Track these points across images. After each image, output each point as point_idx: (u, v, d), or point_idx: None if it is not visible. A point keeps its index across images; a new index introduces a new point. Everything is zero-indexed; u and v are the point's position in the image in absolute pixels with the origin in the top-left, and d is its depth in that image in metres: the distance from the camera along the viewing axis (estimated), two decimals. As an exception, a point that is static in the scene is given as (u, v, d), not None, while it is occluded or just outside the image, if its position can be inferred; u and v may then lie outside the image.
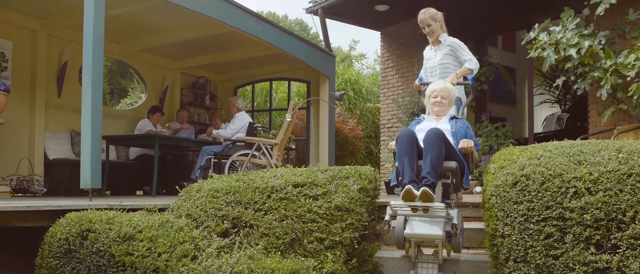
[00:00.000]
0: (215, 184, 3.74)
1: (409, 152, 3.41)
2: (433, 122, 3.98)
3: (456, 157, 3.62)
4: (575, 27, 5.42)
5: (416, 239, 3.47)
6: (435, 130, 3.50)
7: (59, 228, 3.40)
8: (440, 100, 4.04)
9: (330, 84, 8.01)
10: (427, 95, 4.21)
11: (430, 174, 3.31)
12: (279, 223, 3.37)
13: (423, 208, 3.25)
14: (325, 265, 3.21)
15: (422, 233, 3.36)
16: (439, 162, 3.38)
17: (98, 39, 4.47)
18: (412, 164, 3.38)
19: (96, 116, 4.40)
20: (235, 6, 6.06)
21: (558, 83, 5.74)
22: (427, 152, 3.39)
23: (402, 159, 3.40)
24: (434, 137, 3.43)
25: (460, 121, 4.07)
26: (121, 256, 3.12)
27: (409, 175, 3.33)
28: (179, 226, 3.39)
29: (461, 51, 4.80)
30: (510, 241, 3.11)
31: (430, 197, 3.21)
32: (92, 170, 4.35)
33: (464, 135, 3.87)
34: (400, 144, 3.47)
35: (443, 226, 3.38)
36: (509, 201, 3.17)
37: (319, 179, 3.70)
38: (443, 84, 4.15)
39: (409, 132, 3.55)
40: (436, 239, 3.41)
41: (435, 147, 3.39)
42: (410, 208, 3.25)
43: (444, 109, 4.06)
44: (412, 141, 3.49)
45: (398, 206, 3.28)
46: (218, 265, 3.03)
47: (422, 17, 4.83)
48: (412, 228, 3.37)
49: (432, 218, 3.37)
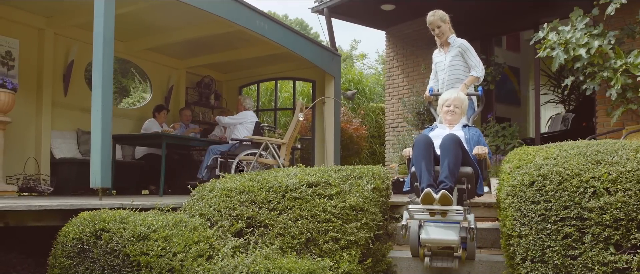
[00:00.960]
0: (228, 184, 3.72)
1: (426, 157, 3.43)
2: (446, 130, 4.01)
3: (471, 164, 3.64)
4: (585, 27, 5.41)
5: (432, 245, 3.48)
6: (452, 135, 3.54)
7: (72, 228, 3.38)
8: (453, 109, 4.09)
9: (336, 84, 7.99)
10: (439, 104, 4.25)
11: (447, 178, 3.33)
12: (294, 222, 3.36)
13: (441, 212, 3.25)
14: (341, 265, 3.20)
15: (438, 238, 3.38)
16: (456, 167, 3.40)
17: (108, 38, 4.45)
18: (430, 168, 3.40)
19: (106, 116, 4.38)
20: (243, 5, 6.04)
21: (567, 83, 5.73)
22: (444, 157, 3.42)
23: (420, 163, 3.41)
24: (451, 142, 3.46)
25: (472, 128, 4.11)
26: (136, 256, 3.10)
27: (426, 179, 3.34)
28: (193, 225, 3.37)
29: (469, 54, 4.83)
30: (528, 241, 3.10)
31: (449, 200, 3.21)
32: (102, 169, 4.33)
33: (477, 142, 3.92)
34: (417, 149, 3.49)
35: (458, 231, 3.41)
36: (526, 200, 3.16)
37: (333, 178, 3.68)
38: (456, 93, 4.20)
39: (425, 137, 3.58)
40: (452, 245, 3.43)
41: (452, 153, 3.42)
42: (428, 211, 3.25)
43: (457, 118, 4.12)
44: (429, 146, 3.52)
45: (416, 209, 3.29)
46: (234, 265, 3.01)
47: (431, 18, 4.84)
48: (428, 233, 3.38)
49: (448, 224, 3.40)
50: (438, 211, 3.27)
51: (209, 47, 7.70)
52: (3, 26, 5.96)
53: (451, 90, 4.36)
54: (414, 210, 3.30)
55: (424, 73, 8.13)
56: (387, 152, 8.85)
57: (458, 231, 3.39)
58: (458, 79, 4.85)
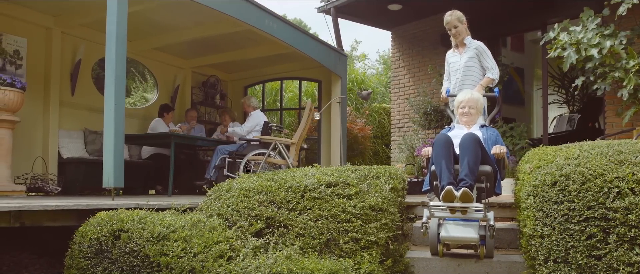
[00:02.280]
0: (246, 184, 3.70)
1: (446, 156, 3.47)
2: (464, 130, 4.03)
3: (490, 163, 3.67)
4: (596, 27, 5.41)
5: (452, 243, 3.52)
6: (472, 135, 3.58)
7: (89, 228, 3.35)
8: (468, 110, 4.12)
9: (343, 84, 7.97)
10: (455, 106, 4.28)
11: (468, 176, 3.36)
12: (314, 222, 3.33)
13: (461, 209, 3.27)
14: (363, 266, 3.18)
15: (457, 236, 3.39)
16: (476, 165, 3.44)
17: (121, 37, 4.42)
18: (450, 167, 3.43)
19: (119, 115, 4.35)
20: (253, 4, 6.02)
21: (577, 83, 5.72)
22: (464, 156, 3.46)
23: (440, 161, 3.45)
24: (471, 141, 3.50)
25: (490, 129, 4.14)
26: (156, 257, 3.08)
27: (447, 177, 3.38)
28: (211, 225, 3.35)
29: (485, 57, 4.87)
30: (550, 242, 3.08)
31: (470, 197, 3.24)
32: (114, 170, 4.30)
33: (495, 142, 3.95)
34: (437, 148, 3.53)
35: (478, 229, 3.43)
36: (548, 201, 3.14)
37: (351, 178, 3.67)
38: (470, 94, 4.22)
39: (445, 137, 3.62)
40: (471, 242, 3.45)
41: (472, 151, 3.46)
42: (449, 208, 3.27)
43: (473, 118, 4.14)
44: (449, 145, 3.56)
45: (437, 207, 3.31)
46: (256, 265, 2.99)
47: (448, 18, 4.86)
48: (448, 231, 3.40)
49: (467, 222, 3.41)
50: (458, 209, 3.29)
51: (215, 47, 7.67)
52: (11, 25, 5.93)
53: (465, 91, 4.37)
54: (435, 208, 3.32)
55: (430, 73, 8.12)
56: (393, 152, 8.83)
57: (477, 229, 3.42)
58: (472, 80, 4.85)
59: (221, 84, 8.78)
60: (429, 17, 8.31)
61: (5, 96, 5.07)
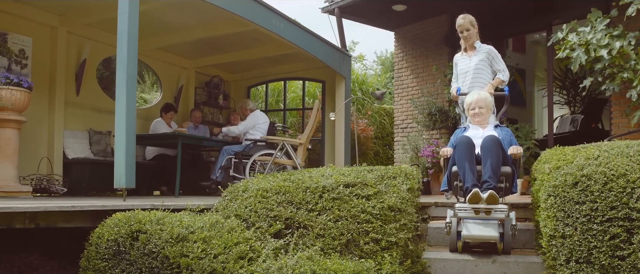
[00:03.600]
0: (262, 184, 3.67)
1: (469, 158, 3.58)
2: (479, 130, 4.08)
3: (509, 163, 3.75)
4: (605, 28, 5.42)
5: (472, 240, 3.59)
6: (493, 137, 3.68)
7: (106, 229, 3.30)
8: (479, 111, 4.18)
9: (346, 84, 7.96)
10: (465, 108, 4.36)
11: (491, 178, 3.47)
12: (334, 223, 3.31)
13: (486, 210, 3.38)
14: (384, 266, 3.16)
15: (478, 234, 3.50)
16: (498, 167, 3.55)
17: (133, 36, 4.39)
18: (473, 168, 3.54)
19: (131, 115, 4.31)
20: (260, 4, 5.99)
21: (585, 84, 5.73)
22: (486, 158, 3.56)
23: (463, 163, 3.55)
24: (493, 144, 3.61)
25: (504, 128, 4.18)
26: (176, 258, 3.04)
27: (470, 179, 3.49)
28: (230, 226, 3.31)
29: (497, 60, 4.98)
30: (572, 242, 3.09)
31: (496, 199, 3.35)
32: (126, 170, 4.26)
33: (510, 142, 3.99)
34: (460, 150, 3.62)
35: (497, 227, 3.52)
36: (570, 201, 3.14)
37: (368, 179, 3.65)
38: (477, 94, 4.28)
39: (467, 139, 3.71)
40: (492, 240, 3.53)
41: (494, 153, 3.56)
42: (474, 210, 3.37)
43: (485, 118, 4.20)
44: (472, 147, 3.65)
45: (462, 208, 3.43)
46: (278, 266, 2.96)
47: (461, 21, 4.93)
48: (469, 229, 3.50)
49: (486, 221, 3.51)
50: (483, 210, 3.40)
51: (219, 47, 7.63)
52: (17, 24, 5.86)
53: (473, 92, 4.43)
54: (460, 209, 3.44)
55: (435, 74, 8.12)
56: (396, 153, 8.82)
57: (497, 227, 3.52)
58: (481, 83, 4.92)
59: (224, 84, 8.74)
60: (432, 17, 8.30)
61: (12, 96, 5.01)
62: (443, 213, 4.48)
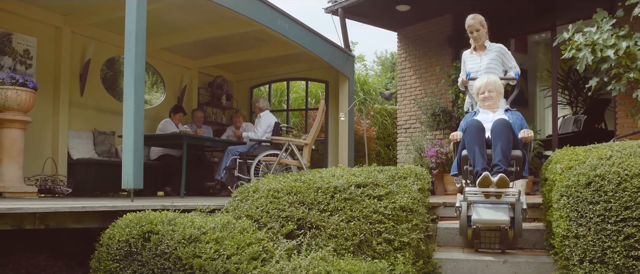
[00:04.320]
0: (273, 185, 3.66)
1: (479, 141, 3.57)
2: (490, 115, 4.08)
3: (519, 147, 3.75)
4: (611, 28, 5.42)
5: (482, 225, 3.57)
6: (503, 120, 3.68)
7: (117, 230, 3.29)
8: (488, 95, 4.18)
9: (350, 84, 7.95)
10: (474, 93, 4.36)
11: (501, 162, 3.48)
12: (346, 223, 3.30)
13: (496, 194, 3.38)
14: (397, 267, 3.15)
15: (489, 219, 3.48)
16: (508, 150, 3.55)
17: (140, 35, 4.37)
18: (483, 152, 3.54)
19: (139, 115, 4.29)
20: (266, 4, 5.97)
21: (591, 84, 5.73)
22: (496, 141, 3.56)
23: (473, 147, 3.55)
24: (503, 127, 3.61)
25: (514, 112, 4.19)
26: (188, 259, 3.03)
27: (481, 163, 3.49)
28: (242, 227, 3.30)
29: (508, 57, 4.99)
30: (586, 242, 3.08)
31: (506, 183, 3.35)
32: (134, 170, 4.23)
33: (520, 126, 4.00)
34: (470, 134, 3.62)
35: (508, 211, 3.52)
36: (583, 201, 3.14)
37: (379, 179, 3.65)
38: (487, 78, 4.29)
39: (477, 122, 3.71)
40: (502, 225, 3.52)
41: (504, 137, 3.56)
42: (484, 193, 3.38)
43: (495, 101, 4.20)
44: (482, 130, 3.65)
45: (472, 192, 3.42)
46: (292, 267, 2.95)
47: (471, 21, 4.94)
48: (479, 214, 3.48)
49: (497, 205, 3.50)
50: (493, 194, 3.39)
51: (222, 47, 7.62)
52: (21, 24, 5.84)
53: (482, 76, 4.45)
54: (470, 193, 3.42)
55: (439, 74, 8.12)
56: (399, 153, 8.81)
57: (508, 212, 3.51)
58: None
59: (227, 84, 8.72)
60: (435, 18, 8.30)
61: (18, 96, 4.99)
62: (452, 213, 4.47)
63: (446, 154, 7.06)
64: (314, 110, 10.08)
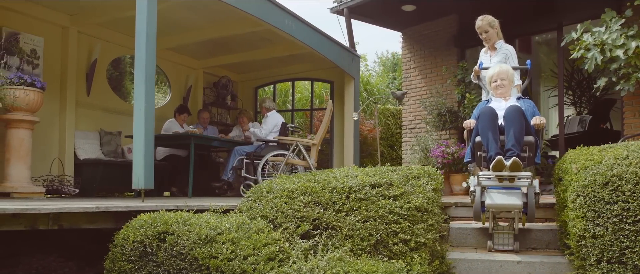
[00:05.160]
0: (287, 185, 3.64)
1: (492, 127, 3.65)
2: (502, 102, 4.14)
3: (532, 133, 3.81)
4: (620, 28, 5.42)
5: (496, 209, 3.66)
6: (516, 107, 3.76)
7: (131, 230, 3.27)
8: (500, 83, 4.25)
9: (355, 85, 7.94)
10: (487, 82, 4.44)
11: (514, 147, 3.55)
12: (362, 224, 3.29)
13: (509, 178, 3.46)
14: (414, 267, 3.14)
15: (502, 203, 3.56)
16: (521, 136, 3.62)
17: (151, 35, 4.35)
18: (496, 138, 3.62)
19: (149, 115, 4.28)
20: (275, 4, 5.96)
21: (599, 84, 5.72)
22: (509, 127, 3.64)
23: (486, 133, 3.63)
24: (515, 113, 3.70)
25: (526, 100, 4.25)
26: (205, 259, 3.01)
27: (494, 148, 3.56)
28: (257, 227, 3.29)
29: (511, 60, 5.00)
30: (603, 242, 3.07)
31: (519, 166, 3.42)
32: (145, 170, 4.22)
33: (533, 113, 4.06)
34: (483, 120, 3.70)
35: (521, 197, 3.58)
36: (601, 201, 3.13)
37: (394, 179, 3.63)
38: (498, 67, 4.37)
39: (490, 109, 3.79)
40: (515, 209, 3.60)
41: (517, 122, 3.64)
42: (497, 177, 3.45)
43: (507, 89, 4.27)
44: (495, 117, 3.73)
45: (486, 176, 3.49)
46: (309, 268, 2.94)
47: (479, 23, 4.97)
48: (492, 199, 3.55)
49: (510, 190, 3.58)
50: (506, 177, 3.46)
51: (228, 47, 7.60)
52: (28, 24, 5.82)
53: (494, 66, 4.51)
54: (484, 177, 3.50)
55: (444, 75, 8.11)
56: (404, 153, 8.80)
57: (521, 196, 3.57)
58: None
59: (232, 84, 8.70)
60: (441, 18, 8.29)
61: (27, 96, 4.97)
62: (464, 213, 4.47)
63: (452, 154, 7.05)
64: (318, 110, 10.07)
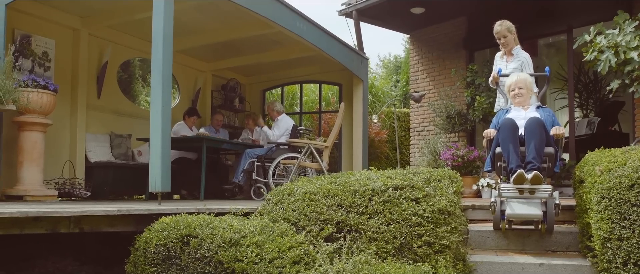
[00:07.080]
0: (308, 187, 3.62)
1: (513, 140, 3.70)
2: (522, 112, 4.17)
3: (552, 144, 3.84)
4: (634, 30, 5.42)
5: (516, 219, 3.73)
6: (537, 119, 3.80)
7: (154, 234, 3.24)
8: (518, 91, 4.28)
9: (364, 87, 7.92)
10: (506, 90, 4.46)
11: (535, 159, 3.60)
12: (386, 226, 3.27)
13: (530, 190, 3.54)
14: (439, 270, 3.12)
15: (522, 213, 3.64)
16: (541, 148, 3.67)
17: (168, 36, 4.33)
18: (517, 150, 3.67)
19: (166, 118, 4.25)
20: (286, 6, 5.95)
21: (612, 86, 5.72)
22: (530, 139, 3.69)
23: (507, 145, 3.68)
24: (536, 125, 3.74)
25: (546, 109, 4.27)
26: (230, 263, 2.98)
27: (515, 160, 3.62)
28: (280, 230, 3.26)
29: (526, 68, 5.02)
30: (630, 244, 3.06)
31: (540, 180, 3.49)
32: (162, 173, 4.18)
33: (552, 123, 4.07)
34: (504, 132, 3.75)
35: (540, 206, 3.64)
36: (627, 203, 3.12)
37: (415, 181, 3.62)
38: (516, 76, 4.39)
39: (511, 121, 3.83)
40: (535, 219, 3.68)
41: (537, 135, 3.68)
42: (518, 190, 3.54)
43: (525, 98, 4.30)
44: (515, 128, 3.78)
45: (507, 188, 3.58)
46: (335, 271, 2.92)
47: (498, 28, 4.99)
48: (513, 208, 3.62)
49: (529, 200, 3.64)
50: (527, 190, 3.55)
51: (236, 50, 7.59)
52: (40, 26, 5.80)
53: (512, 74, 4.53)
54: (505, 189, 3.58)
55: (453, 77, 8.10)
56: (413, 156, 8.78)
57: (540, 206, 3.64)
58: None
59: (240, 87, 8.68)
60: (450, 20, 8.29)
61: (40, 99, 4.95)
62: (481, 215, 4.45)
63: (462, 157, 7.03)
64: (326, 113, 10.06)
